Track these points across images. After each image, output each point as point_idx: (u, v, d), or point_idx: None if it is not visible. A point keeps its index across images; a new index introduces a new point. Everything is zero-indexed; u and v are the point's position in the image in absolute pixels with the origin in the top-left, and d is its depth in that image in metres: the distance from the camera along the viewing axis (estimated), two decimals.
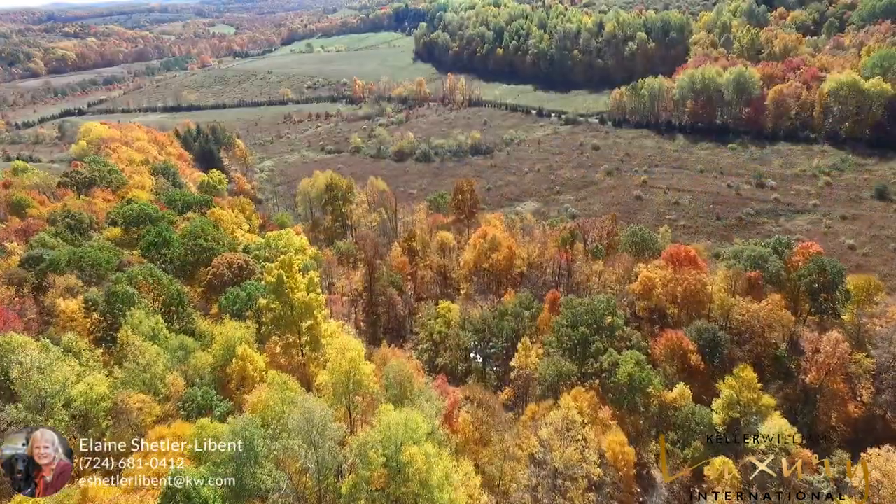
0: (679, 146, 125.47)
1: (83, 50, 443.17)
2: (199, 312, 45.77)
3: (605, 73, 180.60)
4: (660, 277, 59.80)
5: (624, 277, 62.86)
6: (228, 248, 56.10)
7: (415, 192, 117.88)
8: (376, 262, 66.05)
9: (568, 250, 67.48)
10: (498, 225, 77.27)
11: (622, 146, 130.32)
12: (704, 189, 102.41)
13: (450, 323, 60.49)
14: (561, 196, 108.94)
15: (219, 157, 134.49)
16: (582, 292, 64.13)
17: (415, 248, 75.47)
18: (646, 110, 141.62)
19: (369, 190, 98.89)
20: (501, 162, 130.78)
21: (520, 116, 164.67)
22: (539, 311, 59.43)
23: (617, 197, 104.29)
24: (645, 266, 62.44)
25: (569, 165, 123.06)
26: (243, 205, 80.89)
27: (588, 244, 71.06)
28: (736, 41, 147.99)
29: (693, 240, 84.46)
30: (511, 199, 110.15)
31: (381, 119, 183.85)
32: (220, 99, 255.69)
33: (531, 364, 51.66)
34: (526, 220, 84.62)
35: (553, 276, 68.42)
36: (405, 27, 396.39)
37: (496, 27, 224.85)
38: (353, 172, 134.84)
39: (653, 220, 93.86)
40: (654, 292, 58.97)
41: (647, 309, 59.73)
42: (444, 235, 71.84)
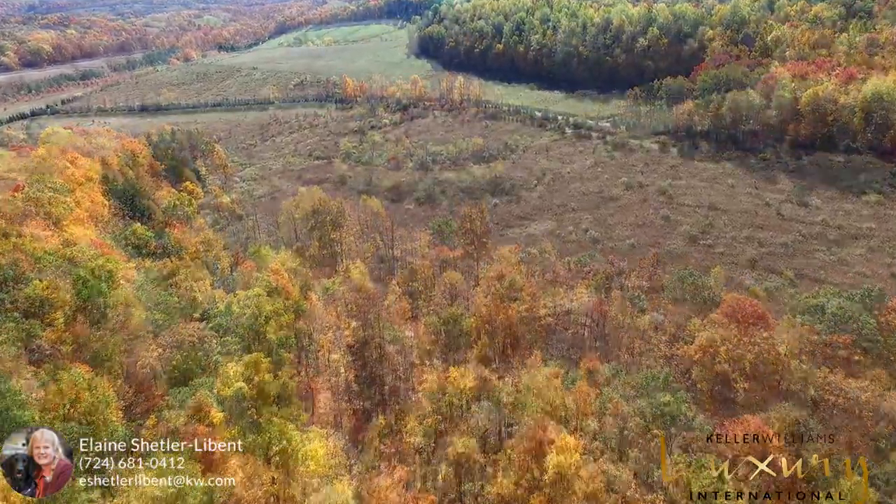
0: (705, 155, 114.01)
1: (61, 42, 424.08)
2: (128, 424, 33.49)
3: (615, 71, 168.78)
4: (720, 337, 48.47)
5: (675, 336, 51.45)
6: (181, 314, 43.89)
7: (411, 206, 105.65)
8: (370, 317, 54.05)
9: (603, 298, 55.90)
10: (513, 260, 65.54)
11: (639, 154, 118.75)
12: (740, 208, 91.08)
13: (463, 395, 48.59)
14: (576, 214, 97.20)
15: (194, 167, 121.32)
16: (622, 354, 52.70)
17: (417, 291, 63.65)
18: (663, 114, 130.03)
19: (361, 212, 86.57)
20: (505, 172, 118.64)
21: (523, 119, 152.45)
22: (574, 380, 47.81)
23: (641, 216, 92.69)
24: (701, 322, 51.07)
25: (582, 177, 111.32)
26: (210, 242, 68.21)
27: (625, 288, 59.48)
28: (758, 38, 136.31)
29: (736, 272, 73.20)
30: (520, 217, 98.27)
31: (374, 122, 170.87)
32: (201, 98, 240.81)
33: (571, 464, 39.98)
34: (546, 252, 72.69)
35: (585, 330, 56.89)
36: (398, 19, 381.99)
37: (496, 21, 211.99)
38: (342, 183, 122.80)
39: (685, 245, 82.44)
40: (716, 358, 47.64)
41: (707, 380, 48.39)
42: (452, 277, 59.91)
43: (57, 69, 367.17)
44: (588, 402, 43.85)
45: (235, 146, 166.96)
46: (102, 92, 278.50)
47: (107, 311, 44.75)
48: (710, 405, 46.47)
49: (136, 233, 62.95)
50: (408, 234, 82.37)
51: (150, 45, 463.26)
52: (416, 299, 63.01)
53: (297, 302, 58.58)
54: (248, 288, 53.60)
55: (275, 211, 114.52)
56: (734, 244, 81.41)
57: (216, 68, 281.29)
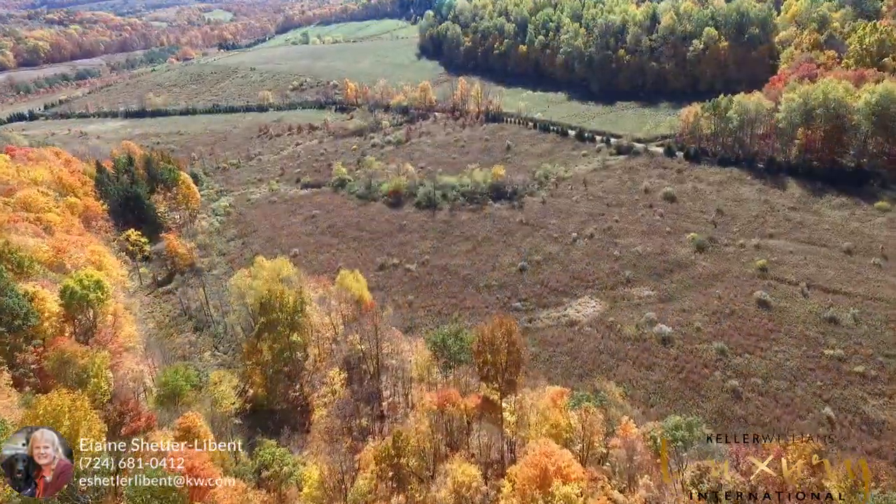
0: (796, 199, 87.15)
1: (60, 40, 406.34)
2: None
3: (662, 79, 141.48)
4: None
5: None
6: None
7: (413, 268, 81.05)
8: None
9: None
10: (562, 423, 40.67)
11: (708, 195, 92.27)
12: (871, 292, 64.51)
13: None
14: (633, 289, 71.47)
15: (148, 204, 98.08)
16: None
17: (406, 473, 39.22)
18: (734, 140, 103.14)
19: (337, 293, 61.90)
20: (535, 216, 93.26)
21: (554, 139, 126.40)
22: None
23: (726, 299, 66.57)
24: None
25: (635, 227, 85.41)
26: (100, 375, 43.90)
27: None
28: (854, 42, 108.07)
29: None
30: (556, 290, 72.86)
31: (375, 137, 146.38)
32: (193, 101, 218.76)
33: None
34: (610, 395, 47.48)
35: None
36: (410, 14, 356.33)
37: (518, 18, 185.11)
38: (329, 226, 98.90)
39: (801, 357, 56.40)
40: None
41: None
42: (466, 475, 34.99)
43: (54, 68, 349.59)
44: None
45: (217, 164, 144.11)
46: (93, 94, 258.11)
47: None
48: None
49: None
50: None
51: (152, 42, 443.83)
52: (403, 485, 38.79)
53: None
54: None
55: (246, 262, 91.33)
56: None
57: (213, 69, 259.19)
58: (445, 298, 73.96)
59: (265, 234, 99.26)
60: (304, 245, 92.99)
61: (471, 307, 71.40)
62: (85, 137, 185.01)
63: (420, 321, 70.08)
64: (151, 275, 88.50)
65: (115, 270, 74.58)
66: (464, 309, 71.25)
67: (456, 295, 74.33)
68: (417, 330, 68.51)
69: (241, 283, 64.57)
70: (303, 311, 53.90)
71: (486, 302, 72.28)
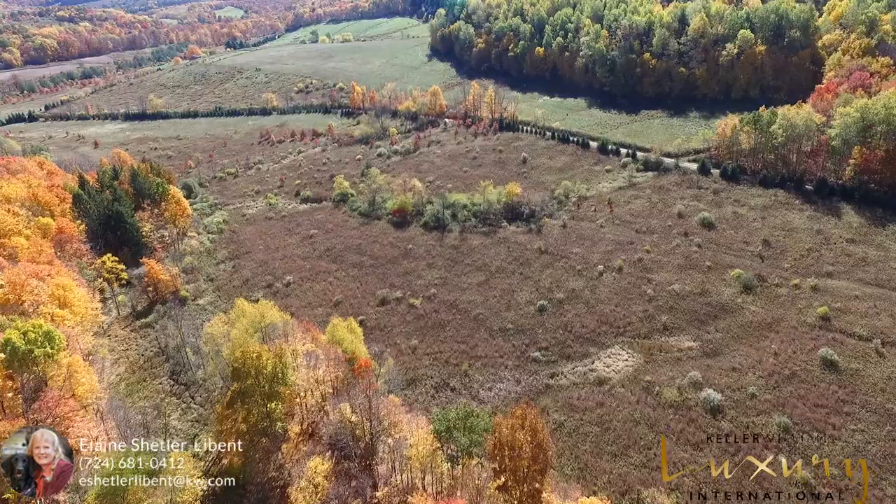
0: (854, 230, 76.54)
1: (68, 37, 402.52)
2: None
3: (691, 86, 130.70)
4: None
5: None
6: None
7: (418, 304, 71.89)
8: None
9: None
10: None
11: (751, 222, 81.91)
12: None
13: None
14: (671, 338, 61.70)
15: (131, 223, 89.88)
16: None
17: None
18: (776, 157, 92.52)
19: (326, 349, 52.79)
20: (555, 242, 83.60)
21: (574, 152, 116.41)
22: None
23: (784, 357, 56.48)
24: None
25: (669, 260, 75.42)
26: None
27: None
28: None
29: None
30: (581, 337, 63.29)
31: (381, 146, 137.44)
32: (195, 103, 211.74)
33: None
34: None
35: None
36: (422, 12, 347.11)
37: (535, 18, 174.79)
38: (328, 248, 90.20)
39: (885, 441, 46.43)
40: None
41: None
42: None
43: (61, 67, 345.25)
44: None
45: (212, 173, 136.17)
46: (95, 94, 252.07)
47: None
48: None
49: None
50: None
51: (161, 40, 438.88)
52: None
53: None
54: None
55: (235, 290, 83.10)
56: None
57: (217, 69, 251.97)
58: (454, 343, 64.80)
59: (258, 257, 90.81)
60: (298, 271, 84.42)
61: (483, 356, 62.18)
62: (82, 141, 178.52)
63: (425, 371, 61.17)
64: (131, 304, 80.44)
65: (83, 307, 66.20)
66: (474, 358, 62.07)
67: (466, 339, 65.13)
68: (421, 383, 59.73)
69: (216, 331, 55.92)
70: (284, 380, 44.91)
71: (500, 350, 63.01)
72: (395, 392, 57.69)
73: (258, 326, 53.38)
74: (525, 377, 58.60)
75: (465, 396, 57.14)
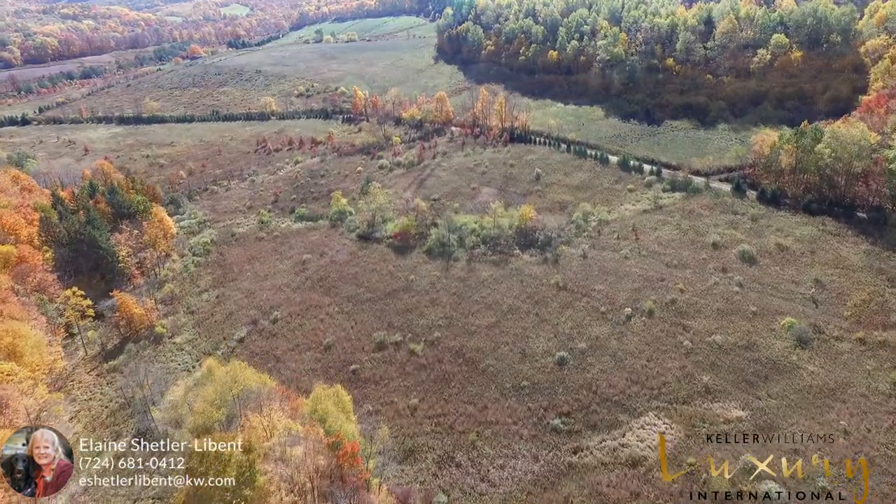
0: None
1: (70, 36, 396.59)
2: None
3: (718, 95, 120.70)
4: None
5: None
6: None
7: (419, 350, 63.02)
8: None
9: None
10: None
11: (798, 257, 72.30)
12: None
13: None
14: (716, 404, 52.41)
15: (106, 247, 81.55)
16: None
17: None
18: (822, 179, 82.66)
19: (307, 431, 44.01)
20: (574, 276, 74.36)
21: (592, 167, 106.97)
22: None
23: (856, 436, 47.10)
24: None
25: (707, 302, 65.98)
26: None
27: None
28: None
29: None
30: (608, 400, 54.18)
31: (383, 156, 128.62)
32: (192, 107, 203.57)
33: None
34: None
35: None
36: (429, 11, 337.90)
37: (548, 20, 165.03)
38: (322, 278, 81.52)
39: None
40: None
41: None
42: None
43: (61, 66, 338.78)
44: None
45: (202, 184, 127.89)
46: (92, 96, 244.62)
47: None
48: None
49: None
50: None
51: (164, 38, 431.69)
52: None
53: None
54: None
55: (217, 326, 74.77)
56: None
57: (217, 70, 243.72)
58: (460, 404, 55.96)
59: (245, 286, 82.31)
60: (288, 304, 75.87)
61: (493, 422, 53.28)
62: (73, 146, 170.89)
63: (425, 441, 52.38)
64: (101, 341, 72.24)
65: (37, 355, 57.99)
66: (484, 424, 53.20)
67: (474, 399, 56.25)
68: (421, 456, 50.91)
69: (179, 398, 47.36)
70: (252, 484, 36.19)
71: (513, 414, 54.06)
72: (388, 467, 49.06)
73: (228, 395, 44.82)
74: (543, 452, 49.62)
75: (472, 476, 48.32)
